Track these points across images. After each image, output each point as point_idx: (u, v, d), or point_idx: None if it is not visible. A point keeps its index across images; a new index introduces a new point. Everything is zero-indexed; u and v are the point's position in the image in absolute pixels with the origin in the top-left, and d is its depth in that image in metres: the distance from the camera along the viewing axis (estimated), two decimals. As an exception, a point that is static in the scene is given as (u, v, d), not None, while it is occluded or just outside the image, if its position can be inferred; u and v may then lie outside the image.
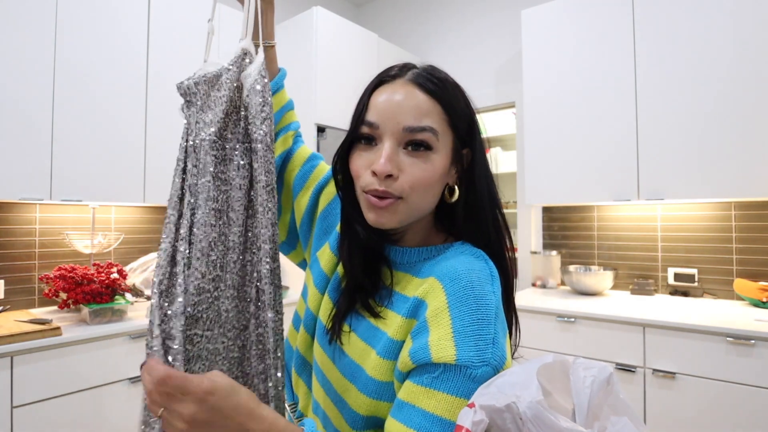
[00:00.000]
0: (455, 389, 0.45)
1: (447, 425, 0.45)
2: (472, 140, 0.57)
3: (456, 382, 0.46)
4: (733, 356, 1.55)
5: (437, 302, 0.50)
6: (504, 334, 0.50)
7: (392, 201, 0.52)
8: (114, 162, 1.90)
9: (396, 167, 0.52)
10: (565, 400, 0.46)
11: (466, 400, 0.45)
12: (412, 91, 0.53)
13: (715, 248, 2.11)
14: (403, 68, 0.56)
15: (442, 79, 0.55)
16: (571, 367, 0.48)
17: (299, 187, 0.75)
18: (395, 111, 0.52)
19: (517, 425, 0.41)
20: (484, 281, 0.51)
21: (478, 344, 0.46)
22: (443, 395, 0.45)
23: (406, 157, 0.52)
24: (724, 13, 1.83)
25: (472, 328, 0.47)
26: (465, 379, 0.45)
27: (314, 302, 0.66)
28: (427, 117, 0.52)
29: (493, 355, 0.46)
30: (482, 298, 0.49)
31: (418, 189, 0.52)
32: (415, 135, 0.52)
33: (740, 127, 1.80)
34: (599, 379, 0.45)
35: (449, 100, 0.54)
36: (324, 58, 2.45)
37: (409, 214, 0.54)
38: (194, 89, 0.64)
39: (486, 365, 0.46)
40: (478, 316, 0.48)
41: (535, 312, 1.99)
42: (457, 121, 0.55)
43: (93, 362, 1.59)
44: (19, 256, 1.91)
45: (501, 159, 3.79)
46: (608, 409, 0.45)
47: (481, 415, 0.41)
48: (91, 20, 1.83)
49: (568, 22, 2.23)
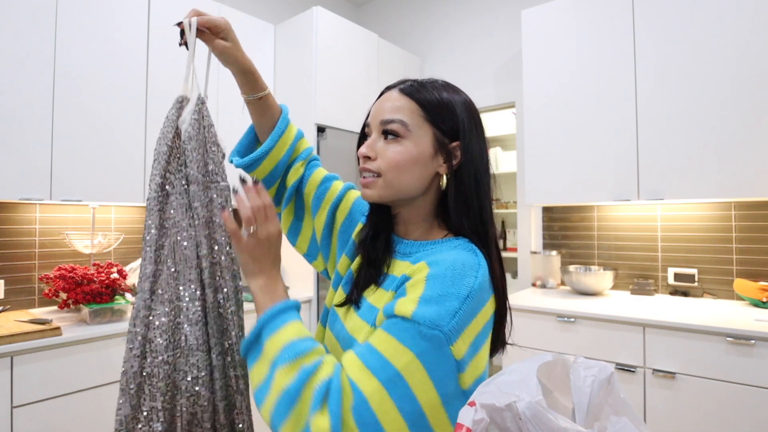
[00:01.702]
0: (402, 337, 0.53)
1: (382, 361, 0.52)
2: (460, 135, 0.65)
3: (406, 333, 0.53)
4: (733, 356, 1.55)
5: (419, 276, 0.58)
6: (469, 318, 0.55)
7: (373, 179, 0.65)
8: (114, 162, 1.90)
9: (373, 151, 0.65)
10: (565, 399, 0.46)
11: (408, 350, 0.52)
12: (395, 95, 0.66)
13: (715, 248, 2.11)
14: (400, 82, 0.69)
15: (427, 85, 0.66)
16: (571, 367, 0.48)
17: (317, 207, 0.85)
18: (379, 111, 0.66)
19: (517, 425, 0.41)
20: (467, 267, 0.57)
21: (438, 311, 0.53)
22: (390, 337, 0.54)
23: (383, 143, 0.65)
24: (724, 12, 1.83)
25: (438, 299, 0.54)
26: (415, 333, 0.52)
27: (329, 298, 0.76)
28: (399, 112, 0.64)
29: (448, 325, 0.52)
30: (459, 279, 0.56)
31: (391, 167, 0.64)
32: (387, 125, 0.64)
33: (740, 127, 1.80)
34: (600, 378, 0.45)
35: (427, 99, 0.65)
36: (324, 58, 2.45)
37: (389, 189, 0.65)
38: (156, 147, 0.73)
39: (437, 330, 0.52)
40: (448, 291, 0.54)
41: (535, 312, 1.99)
42: (437, 117, 0.65)
43: (93, 362, 1.59)
44: (19, 256, 1.91)
45: (501, 159, 3.79)
46: (609, 408, 0.45)
47: (482, 414, 0.42)
48: (91, 20, 1.83)
49: (568, 22, 2.23)
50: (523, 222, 2.71)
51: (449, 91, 0.67)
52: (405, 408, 0.51)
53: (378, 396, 0.51)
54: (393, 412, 0.51)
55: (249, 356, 0.60)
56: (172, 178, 0.69)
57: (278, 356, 0.55)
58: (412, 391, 0.52)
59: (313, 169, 0.87)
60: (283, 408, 0.52)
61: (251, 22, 2.49)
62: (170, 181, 0.69)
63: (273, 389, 0.54)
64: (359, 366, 0.53)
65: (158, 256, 0.68)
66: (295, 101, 2.47)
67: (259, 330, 0.59)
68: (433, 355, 0.52)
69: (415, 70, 3.16)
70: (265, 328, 0.59)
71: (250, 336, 0.59)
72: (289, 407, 0.52)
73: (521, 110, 2.63)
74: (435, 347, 0.52)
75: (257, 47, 2.53)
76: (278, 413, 0.53)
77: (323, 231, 0.84)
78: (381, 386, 0.51)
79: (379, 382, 0.51)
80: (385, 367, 0.52)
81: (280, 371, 0.54)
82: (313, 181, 0.85)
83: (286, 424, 0.52)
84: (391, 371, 0.52)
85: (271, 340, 0.57)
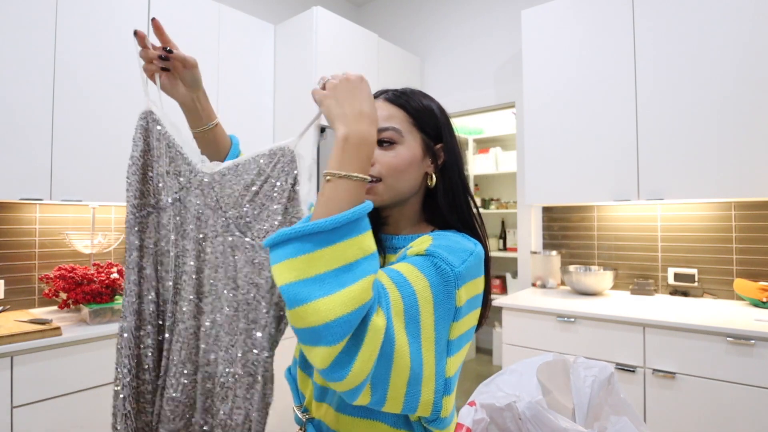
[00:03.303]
0: (421, 266, 0.58)
1: (403, 279, 0.56)
2: (442, 138, 0.72)
3: (423, 264, 0.58)
4: (733, 356, 1.55)
5: (423, 240, 0.64)
6: (472, 274, 0.61)
7: (373, 185, 0.68)
8: (114, 162, 1.90)
9: None
10: (565, 399, 0.46)
11: (425, 277, 0.56)
12: (382, 104, 0.71)
13: (715, 248, 2.11)
14: (381, 92, 0.73)
15: (408, 94, 0.72)
16: (571, 367, 0.48)
17: None
18: None
19: (517, 425, 0.41)
20: (465, 239, 0.66)
21: (449, 254, 0.59)
22: (410, 265, 0.58)
23: (380, 150, 0.69)
24: (724, 12, 1.83)
25: (447, 247, 0.61)
26: (431, 265, 0.58)
27: None
28: (391, 120, 0.69)
29: (458, 267, 0.58)
30: (461, 243, 0.63)
31: (390, 172, 0.68)
32: (381, 134, 0.68)
33: (740, 127, 1.80)
34: (600, 378, 0.45)
35: (413, 107, 0.71)
36: (324, 58, 2.45)
37: (390, 192, 0.69)
38: None
39: (449, 267, 0.58)
40: (455, 246, 0.61)
41: (535, 312, 1.99)
42: (422, 123, 0.71)
43: (93, 362, 1.59)
44: (19, 256, 1.90)
45: (501, 159, 3.79)
46: (609, 408, 0.45)
47: (482, 414, 0.42)
48: (91, 20, 1.83)
49: (568, 22, 2.23)
50: (523, 222, 2.71)
51: (426, 98, 0.74)
52: (409, 326, 0.54)
53: (397, 305, 0.54)
54: (401, 325, 0.53)
55: (342, 230, 0.50)
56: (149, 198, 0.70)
57: (366, 260, 0.51)
58: (419, 313, 0.55)
59: None
60: (356, 316, 0.47)
61: (251, 22, 2.49)
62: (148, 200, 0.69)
63: (351, 291, 0.47)
64: (386, 279, 0.56)
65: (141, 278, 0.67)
66: (295, 101, 2.47)
67: (361, 213, 0.51)
68: (442, 289, 0.57)
69: (415, 70, 3.16)
70: (351, 223, 0.51)
71: (353, 213, 0.50)
72: (361, 316, 0.48)
73: (521, 110, 2.63)
74: (444, 282, 0.57)
75: (257, 47, 2.53)
76: (349, 320, 0.46)
77: None
78: (401, 298, 0.54)
79: (400, 294, 0.54)
80: (405, 284, 0.55)
81: (365, 281, 0.49)
82: None
83: (347, 329, 0.47)
84: (410, 289, 0.55)
85: (359, 240, 0.51)
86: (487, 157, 3.81)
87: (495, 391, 0.45)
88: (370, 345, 0.48)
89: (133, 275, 0.66)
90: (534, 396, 0.41)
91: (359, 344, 0.47)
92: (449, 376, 0.58)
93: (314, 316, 0.45)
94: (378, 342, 0.49)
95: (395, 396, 0.53)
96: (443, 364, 0.57)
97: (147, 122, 0.69)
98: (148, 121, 0.69)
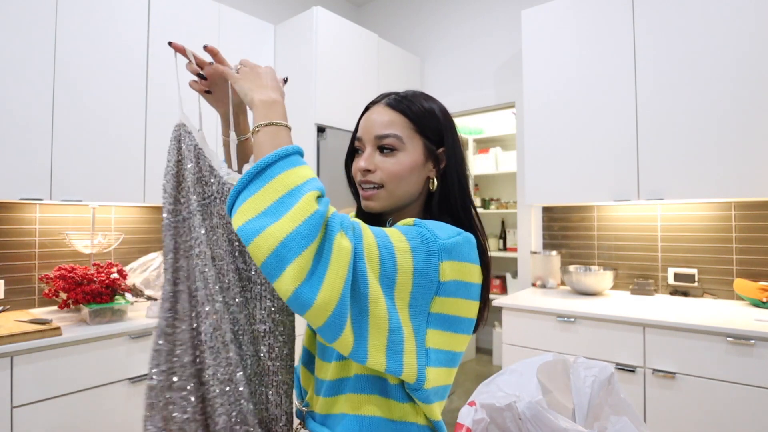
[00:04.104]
0: (405, 231, 0.60)
1: (385, 236, 0.58)
2: (444, 142, 0.72)
3: (408, 231, 0.60)
4: (733, 356, 1.55)
5: (408, 220, 0.65)
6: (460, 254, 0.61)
7: (375, 191, 0.70)
8: (114, 162, 1.90)
9: (372, 164, 0.70)
10: (565, 399, 0.46)
11: (407, 240, 0.58)
12: (383, 110, 0.71)
13: (715, 248, 2.11)
14: (383, 96, 0.74)
15: (410, 98, 0.72)
16: (571, 367, 0.48)
17: None
18: (370, 125, 0.71)
19: (517, 425, 0.41)
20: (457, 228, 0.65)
21: (436, 228, 0.61)
22: (394, 230, 0.61)
23: (380, 156, 0.70)
24: (724, 12, 1.83)
25: (435, 224, 0.62)
26: (415, 233, 0.60)
27: None
28: (392, 126, 0.69)
29: (443, 239, 0.59)
30: (451, 227, 0.64)
31: (392, 178, 0.69)
32: (382, 140, 0.69)
33: (740, 127, 1.80)
34: (600, 378, 0.45)
35: (414, 113, 0.70)
36: (324, 58, 2.45)
37: (391, 199, 0.70)
38: None
39: (434, 237, 0.59)
40: (443, 226, 0.63)
41: (535, 312, 1.99)
42: (424, 128, 0.71)
43: (93, 362, 1.59)
44: (19, 256, 1.90)
45: (501, 159, 3.79)
46: (609, 408, 0.45)
47: (482, 414, 0.42)
48: (91, 21, 1.83)
49: (568, 22, 2.23)
50: (523, 222, 2.71)
51: (428, 101, 0.73)
52: (384, 280, 0.55)
53: (374, 252, 0.55)
54: (375, 275, 0.55)
55: (275, 167, 0.54)
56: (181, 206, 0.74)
57: (306, 183, 0.54)
58: (396, 272, 0.56)
59: None
60: (308, 227, 0.49)
61: (251, 22, 2.49)
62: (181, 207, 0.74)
63: (296, 208, 0.50)
64: (367, 229, 0.58)
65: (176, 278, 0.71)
66: (295, 101, 2.47)
67: (289, 150, 0.56)
68: (423, 257, 0.58)
69: (415, 70, 3.16)
70: (282, 159, 0.55)
71: (282, 150, 0.56)
72: (315, 227, 0.50)
73: (521, 110, 2.63)
74: (426, 251, 0.58)
75: (257, 47, 2.53)
76: (301, 231, 0.49)
77: None
78: (377, 248, 0.56)
79: (376, 243, 0.56)
80: (384, 239, 0.57)
81: (306, 197, 0.52)
82: None
83: (305, 241, 0.49)
84: (389, 244, 0.57)
85: (295, 171, 0.55)
86: (487, 157, 3.81)
87: (495, 391, 0.45)
88: (337, 262, 0.50)
89: (169, 275, 0.71)
90: (534, 396, 0.41)
91: (325, 260, 0.50)
92: (429, 347, 0.60)
93: (269, 240, 0.49)
94: (345, 261, 0.51)
95: (377, 347, 0.54)
96: (423, 333, 0.59)
97: (180, 134, 0.74)
98: (180, 133, 0.75)
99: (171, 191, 0.72)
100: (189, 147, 0.73)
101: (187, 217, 0.72)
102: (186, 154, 0.73)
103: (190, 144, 0.74)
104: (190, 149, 0.73)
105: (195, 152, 0.73)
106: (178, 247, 0.71)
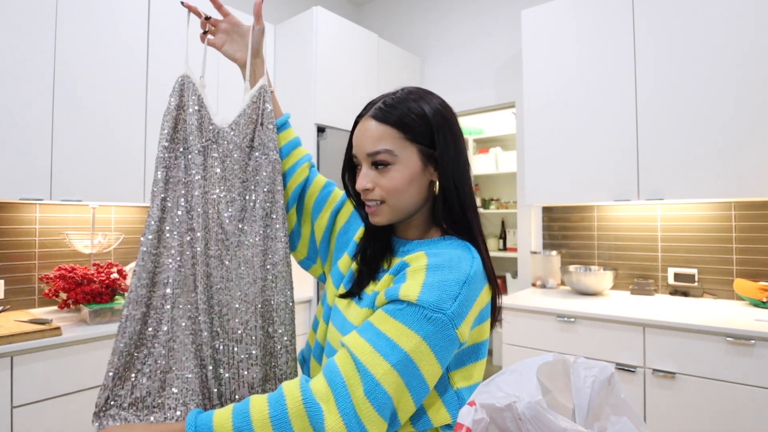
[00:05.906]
0: (409, 321, 0.57)
1: (391, 344, 0.56)
2: (435, 143, 0.68)
3: (412, 317, 0.57)
4: (733, 356, 1.55)
5: (419, 263, 0.62)
6: (469, 303, 0.60)
7: (377, 207, 0.69)
8: (114, 162, 1.90)
9: (370, 182, 0.68)
10: (565, 399, 0.46)
11: (415, 333, 0.56)
12: (370, 124, 0.68)
13: (715, 248, 2.11)
14: (368, 106, 0.71)
15: (397, 104, 0.68)
16: (571, 367, 0.48)
17: (318, 211, 0.87)
18: (361, 142, 0.69)
19: (517, 425, 0.41)
20: (462, 259, 0.63)
21: (440, 296, 0.58)
22: (398, 323, 0.57)
23: (376, 173, 0.68)
24: (724, 12, 1.83)
25: (439, 284, 0.59)
26: (421, 317, 0.57)
27: (331, 297, 0.79)
28: (381, 141, 0.67)
29: (450, 308, 0.57)
30: (456, 267, 0.61)
31: (391, 194, 0.68)
32: (374, 157, 0.67)
33: (740, 127, 1.80)
34: (600, 378, 0.45)
35: (402, 121, 0.67)
36: (324, 58, 2.45)
37: (395, 212, 0.69)
38: None
39: (441, 313, 0.57)
40: (448, 278, 0.59)
41: (535, 312, 1.99)
42: (415, 134, 0.67)
43: (93, 362, 1.59)
44: (19, 256, 1.90)
45: (501, 159, 3.78)
46: (609, 408, 0.45)
47: (482, 414, 0.42)
48: (91, 20, 1.83)
49: (568, 22, 2.23)
50: (523, 222, 2.71)
51: (419, 101, 0.69)
52: (415, 388, 0.55)
53: (390, 377, 0.54)
54: (404, 393, 0.55)
55: None
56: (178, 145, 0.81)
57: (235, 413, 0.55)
58: (420, 372, 0.55)
59: (315, 172, 0.91)
60: None
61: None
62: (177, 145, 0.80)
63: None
64: (370, 350, 0.56)
65: (163, 207, 0.77)
66: (295, 101, 2.47)
67: None
68: (439, 337, 0.56)
69: (415, 70, 3.16)
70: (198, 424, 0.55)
71: None
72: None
73: (521, 110, 2.63)
74: (440, 329, 0.56)
75: (257, 47, 2.53)
76: None
77: (324, 234, 0.87)
78: (392, 368, 0.54)
79: (390, 364, 0.54)
80: (395, 350, 0.55)
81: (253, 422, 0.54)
82: (317, 184, 0.89)
83: None
84: (400, 354, 0.55)
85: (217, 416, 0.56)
86: (487, 157, 3.81)
87: (495, 391, 0.45)
88: None
89: (158, 200, 0.76)
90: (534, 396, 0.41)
91: None
92: (459, 388, 0.62)
93: None
94: None
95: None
96: (446, 382, 0.62)
97: (183, 83, 0.81)
98: (184, 83, 0.81)
99: (168, 130, 0.78)
100: (192, 96, 0.81)
101: (180, 156, 0.79)
102: (188, 102, 0.80)
103: (193, 94, 0.81)
104: (193, 99, 0.81)
105: (198, 102, 0.81)
106: (168, 179, 0.78)
